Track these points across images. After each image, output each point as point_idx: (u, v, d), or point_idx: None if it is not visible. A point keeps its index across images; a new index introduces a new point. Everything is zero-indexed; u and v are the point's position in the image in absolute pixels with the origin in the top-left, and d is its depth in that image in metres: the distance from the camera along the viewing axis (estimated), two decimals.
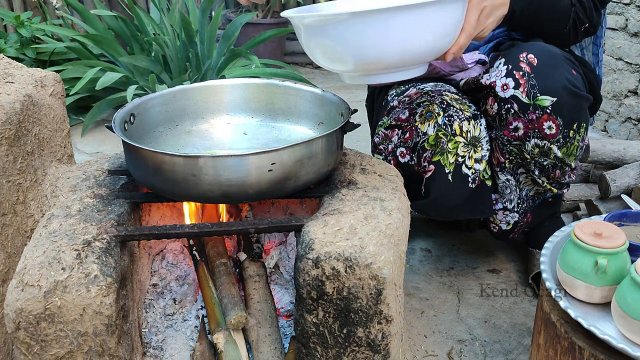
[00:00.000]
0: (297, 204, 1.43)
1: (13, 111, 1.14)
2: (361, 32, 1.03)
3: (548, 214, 1.61)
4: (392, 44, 1.06)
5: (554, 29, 1.42)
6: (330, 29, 1.05)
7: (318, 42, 1.10)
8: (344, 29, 1.04)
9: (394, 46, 1.06)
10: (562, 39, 1.46)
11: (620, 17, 2.57)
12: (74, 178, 1.24)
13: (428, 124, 1.37)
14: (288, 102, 1.37)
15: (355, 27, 1.03)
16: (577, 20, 1.41)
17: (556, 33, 1.43)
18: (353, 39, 1.05)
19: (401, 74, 1.15)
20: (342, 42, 1.06)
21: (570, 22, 1.41)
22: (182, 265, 1.35)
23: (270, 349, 1.17)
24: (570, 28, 1.42)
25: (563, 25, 1.41)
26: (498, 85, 1.34)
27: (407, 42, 1.06)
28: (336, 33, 1.05)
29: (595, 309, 1.00)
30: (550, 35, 1.44)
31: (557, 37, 1.44)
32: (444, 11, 1.07)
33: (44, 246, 0.99)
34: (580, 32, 1.44)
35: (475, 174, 1.39)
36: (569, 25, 1.41)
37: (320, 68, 4.03)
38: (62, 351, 0.95)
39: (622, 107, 2.64)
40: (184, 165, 1.04)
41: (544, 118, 1.30)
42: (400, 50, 1.07)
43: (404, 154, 1.40)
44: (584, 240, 0.99)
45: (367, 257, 0.97)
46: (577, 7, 1.40)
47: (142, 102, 1.29)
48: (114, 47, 2.96)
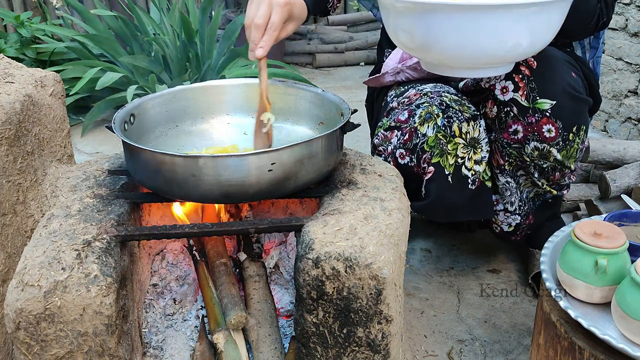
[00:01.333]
0: (297, 204, 1.43)
1: (13, 111, 1.14)
2: (470, 27, 1.00)
3: (548, 215, 1.61)
4: (493, 43, 1.03)
5: (579, 26, 1.39)
6: (434, 18, 1.01)
7: (407, 26, 1.07)
8: (453, 21, 1.00)
9: (492, 45, 1.03)
10: (582, 35, 1.44)
11: (620, 17, 2.57)
12: (74, 178, 1.24)
13: (427, 125, 1.37)
14: (288, 102, 1.37)
15: (470, 22, 1.00)
16: (600, 15, 1.40)
17: (580, 29, 1.40)
18: (459, 32, 1.01)
19: (481, 71, 1.13)
20: (441, 34, 1.03)
21: (595, 18, 1.39)
22: (182, 265, 1.35)
23: (270, 349, 1.17)
24: (593, 23, 1.40)
25: (589, 22, 1.39)
26: (497, 88, 1.34)
27: (502, 44, 1.03)
28: (439, 23, 1.01)
29: (595, 309, 1.00)
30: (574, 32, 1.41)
31: (580, 33, 1.42)
32: (554, 12, 1.03)
33: (44, 246, 0.99)
34: (598, 27, 1.43)
35: (475, 176, 1.39)
36: (593, 21, 1.40)
37: (320, 68, 4.06)
38: (62, 351, 0.95)
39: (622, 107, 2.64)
40: (184, 165, 1.04)
41: (543, 121, 1.30)
42: (491, 52, 1.04)
43: (403, 156, 1.40)
44: (584, 240, 0.99)
45: (367, 257, 0.97)
46: (602, 4, 1.38)
47: (142, 102, 1.29)
48: (114, 47, 2.96)
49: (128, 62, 2.83)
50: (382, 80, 1.63)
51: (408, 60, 1.57)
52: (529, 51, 1.10)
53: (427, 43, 1.07)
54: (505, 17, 1.00)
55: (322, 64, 4.07)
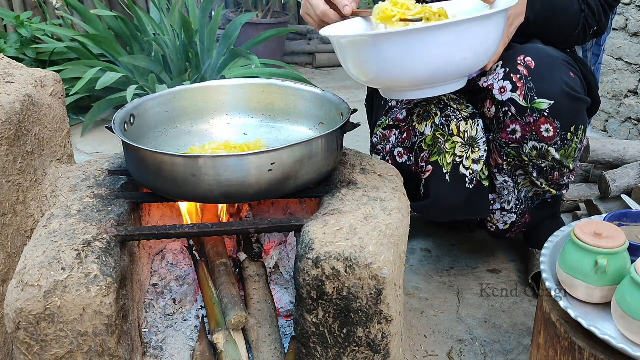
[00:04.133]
0: (297, 204, 1.43)
1: (13, 111, 1.15)
2: (403, 51, 1.04)
3: (548, 215, 1.61)
4: (433, 62, 1.06)
5: (563, 34, 1.43)
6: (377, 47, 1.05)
7: (355, 60, 1.11)
8: (393, 47, 1.04)
9: (434, 65, 1.07)
10: (570, 42, 1.46)
11: (621, 17, 2.57)
12: (74, 178, 1.24)
13: (425, 124, 1.37)
14: (288, 102, 1.37)
15: (401, 47, 1.04)
16: (586, 25, 1.42)
17: (565, 37, 1.44)
18: (394, 58, 1.05)
19: (439, 88, 1.16)
20: (383, 61, 1.07)
21: (579, 27, 1.41)
22: (182, 265, 1.35)
23: (270, 349, 1.17)
24: (579, 32, 1.42)
25: (572, 30, 1.42)
26: (495, 88, 1.34)
27: (449, 59, 1.07)
28: (383, 51, 1.05)
29: (595, 309, 1.00)
30: (559, 39, 1.44)
31: (566, 41, 1.45)
32: (489, 25, 1.07)
33: (44, 246, 0.99)
34: (589, 35, 1.45)
35: (473, 175, 1.39)
36: (578, 29, 1.41)
37: (321, 68, 4.06)
38: (62, 351, 0.95)
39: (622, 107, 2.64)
40: (184, 165, 1.04)
41: (541, 121, 1.30)
42: (442, 68, 1.07)
43: (401, 154, 1.40)
44: (584, 240, 0.99)
45: (367, 257, 0.97)
46: (587, 13, 1.40)
47: (142, 102, 1.29)
48: (114, 47, 2.96)
49: (128, 62, 2.83)
50: None
51: None
52: (477, 62, 1.13)
53: (381, 70, 1.10)
54: (443, 35, 1.04)
55: (322, 64, 4.07)
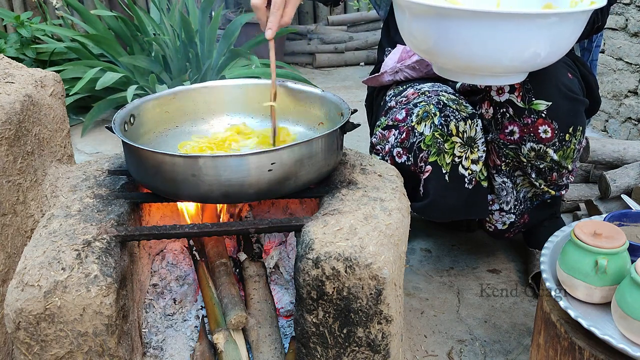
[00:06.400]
0: (297, 204, 1.43)
1: (13, 111, 1.14)
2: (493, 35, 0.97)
3: (548, 215, 1.61)
4: (501, 50, 1.00)
5: None
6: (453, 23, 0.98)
7: (423, 30, 1.04)
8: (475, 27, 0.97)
9: (500, 53, 1.00)
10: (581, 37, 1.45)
11: (620, 17, 2.57)
12: (74, 178, 1.24)
13: (424, 124, 1.37)
14: (288, 102, 1.37)
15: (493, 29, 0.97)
16: (595, 19, 1.41)
17: None
18: (475, 39, 0.98)
19: (501, 79, 1.12)
20: (444, 39, 1.01)
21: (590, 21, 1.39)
22: (182, 265, 1.35)
23: (270, 349, 1.17)
24: (587, 28, 1.41)
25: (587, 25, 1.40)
26: (493, 89, 1.34)
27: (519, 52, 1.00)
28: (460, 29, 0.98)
29: (595, 309, 1.00)
30: None
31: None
32: (576, 23, 1.02)
33: (44, 246, 0.99)
34: (593, 30, 1.44)
35: (472, 175, 1.39)
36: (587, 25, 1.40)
37: (321, 68, 4.06)
38: (62, 351, 0.95)
39: (622, 107, 2.64)
40: (184, 165, 1.04)
41: (539, 122, 1.30)
42: (507, 59, 1.02)
43: (400, 154, 1.40)
44: (584, 240, 0.99)
45: (367, 257, 0.97)
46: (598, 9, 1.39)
47: (142, 102, 1.29)
48: (114, 47, 2.96)
49: (128, 62, 2.83)
50: (380, 79, 1.63)
51: (407, 60, 1.57)
52: (545, 62, 1.08)
53: (442, 48, 1.04)
54: (525, 26, 0.97)
55: (322, 64, 4.07)
